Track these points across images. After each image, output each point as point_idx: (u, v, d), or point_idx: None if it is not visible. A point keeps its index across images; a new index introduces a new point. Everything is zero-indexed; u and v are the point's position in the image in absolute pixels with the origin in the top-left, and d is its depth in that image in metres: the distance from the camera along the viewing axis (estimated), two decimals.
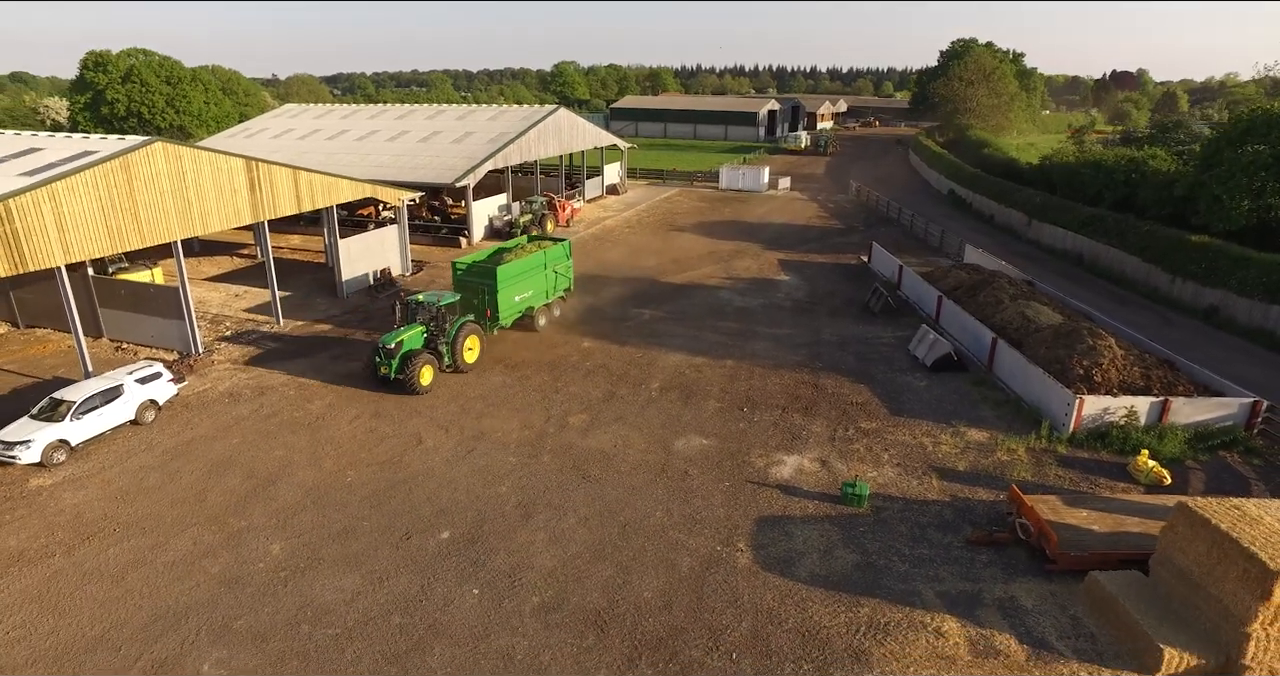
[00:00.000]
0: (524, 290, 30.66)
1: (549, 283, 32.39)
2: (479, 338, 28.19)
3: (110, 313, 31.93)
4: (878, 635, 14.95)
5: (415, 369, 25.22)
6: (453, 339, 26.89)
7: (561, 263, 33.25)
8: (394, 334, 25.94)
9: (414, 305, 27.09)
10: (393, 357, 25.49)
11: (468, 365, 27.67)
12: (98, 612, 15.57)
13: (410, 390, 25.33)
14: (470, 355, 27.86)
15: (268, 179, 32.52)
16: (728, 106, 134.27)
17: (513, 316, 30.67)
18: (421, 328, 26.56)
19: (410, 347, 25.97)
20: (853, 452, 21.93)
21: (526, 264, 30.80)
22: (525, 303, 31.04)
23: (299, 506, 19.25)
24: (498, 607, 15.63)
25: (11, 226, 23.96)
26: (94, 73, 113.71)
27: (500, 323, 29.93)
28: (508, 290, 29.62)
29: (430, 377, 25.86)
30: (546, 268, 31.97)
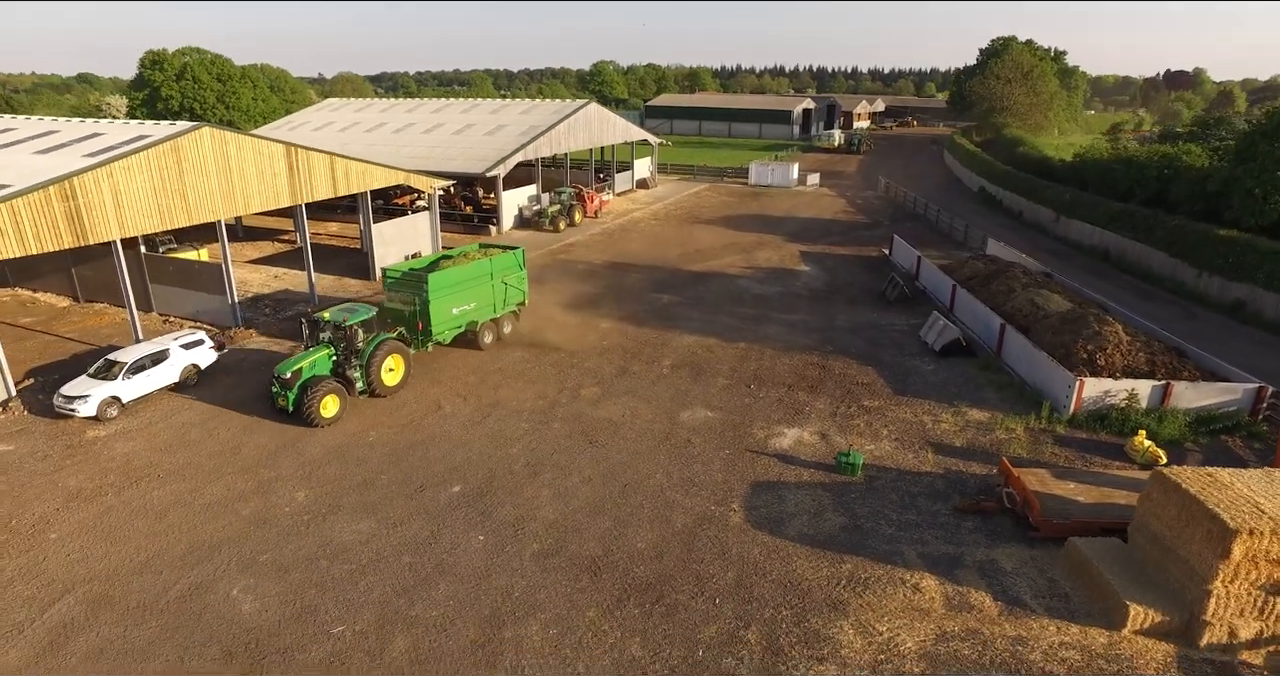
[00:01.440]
0: (464, 302, 27.61)
1: (496, 295, 29.08)
2: (403, 357, 24.94)
3: (159, 288, 33.96)
4: (857, 588, 15.75)
5: (314, 400, 21.85)
6: (367, 360, 23.73)
7: (513, 273, 29.82)
8: (292, 360, 22.87)
9: (320, 323, 23.80)
10: (289, 388, 22.34)
11: (388, 388, 24.42)
12: (143, 543, 17.12)
13: (309, 423, 22.16)
14: (391, 376, 24.60)
15: (305, 164, 34.26)
16: (762, 105, 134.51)
17: (452, 332, 27.74)
18: (328, 350, 23.39)
19: (316, 374, 22.87)
20: (852, 427, 22.67)
21: (466, 273, 27.65)
22: (466, 316, 27.92)
23: (323, 460, 20.68)
24: (500, 552, 16.78)
25: (75, 202, 25.91)
26: (151, 71, 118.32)
27: (435, 338, 26.98)
28: (443, 302, 26.61)
29: (336, 409, 22.62)
30: (493, 278, 28.70)
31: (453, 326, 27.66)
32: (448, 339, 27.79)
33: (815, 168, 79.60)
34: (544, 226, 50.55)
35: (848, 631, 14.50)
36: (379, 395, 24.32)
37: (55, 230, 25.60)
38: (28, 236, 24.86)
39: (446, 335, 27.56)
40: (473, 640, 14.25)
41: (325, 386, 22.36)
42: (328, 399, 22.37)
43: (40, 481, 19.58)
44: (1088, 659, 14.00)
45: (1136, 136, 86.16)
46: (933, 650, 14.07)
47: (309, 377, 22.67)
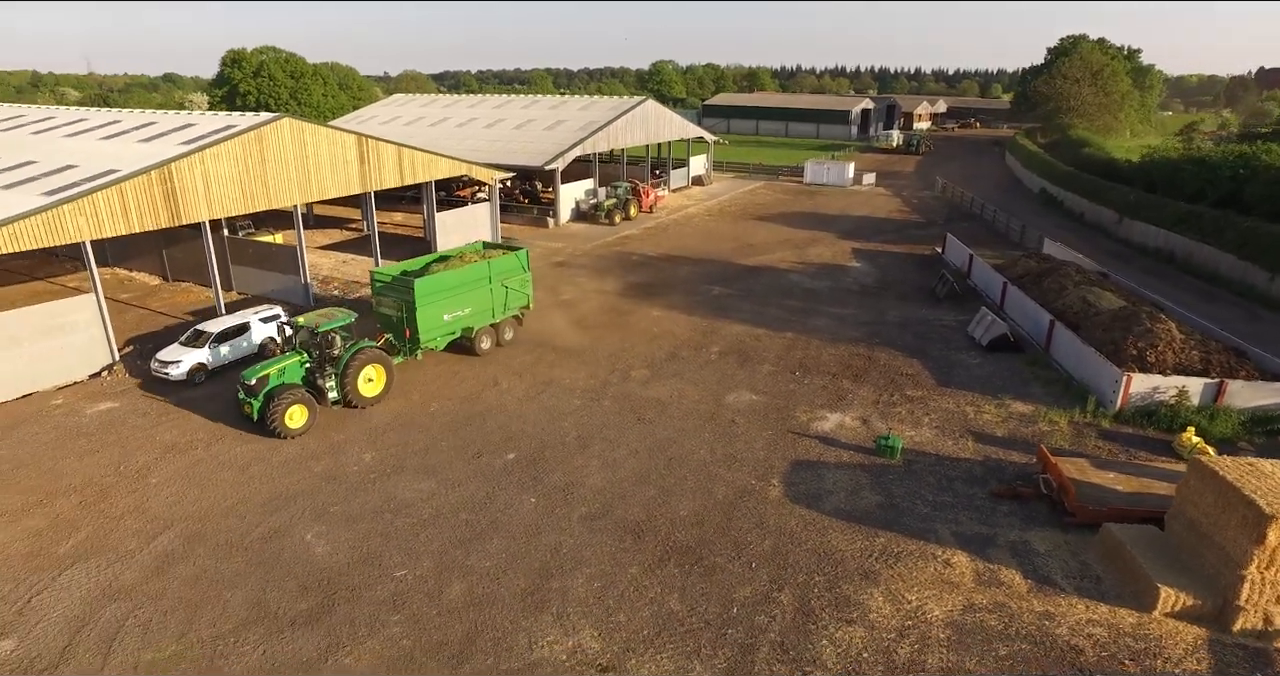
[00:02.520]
0: (457, 308, 26.16)
1: (496, 299, 27.49)
2: (384, 367, 23.42)
3: (239, 268, 36.26)
4: (889, 560, 16.36)
5: (279, 411, 20.72)
6: (343, 369, 22.36)
7: (515, 276, 28.21)
8: (260, 366, 21.75)
9: (295, 328, 22.83)
10: (253, 395, 21.19)
11: (366, 399, 22.94)
12: (228, 491, 18.81)
13: (273, 434, 20.97)
14: (370, 387, 23.09)
15: (375, 153, 36.14)
16: (820, 104, 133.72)
17: (444, 338, 26.43)
18: (300, 356, 22.20)
19: (285, 382, 21.69)
20: (894, 414, 23.14)
21: (459, 277, 26.20)
22: (460, 322, 26.51)
23: (388, 427, 22.17)
24: (550, 513, 17.91)
25: (171, 185, 28.12)
26: (231, 69, 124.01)
27: (424, 346, 25.66)
28: (431, 308, 25.20)
29: (303, 420, 21.30)
30: (492, 282, 27.17)
31: (445, 333, 26.24)
32: (440, 346, 26.58)
33: (871, 167, 79.13)
34: (600, 220, 51.81)
35: (877, 598, 15.16)
36: (355, 406, 22.85)
37: (155, 211, 27.83)
38: (132, 216, 27.12)
39: (439, 342, 26.29)
40: (523, 588, 15.38)
41: (292, 396, 21.02)
42: (294, 409, 21.02)
43: (140, 435, 21.57)
44: (1114, 636, 14.37)
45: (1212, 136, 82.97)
46: (959, 619, 14.63)
47: (276, 385, 21.39)
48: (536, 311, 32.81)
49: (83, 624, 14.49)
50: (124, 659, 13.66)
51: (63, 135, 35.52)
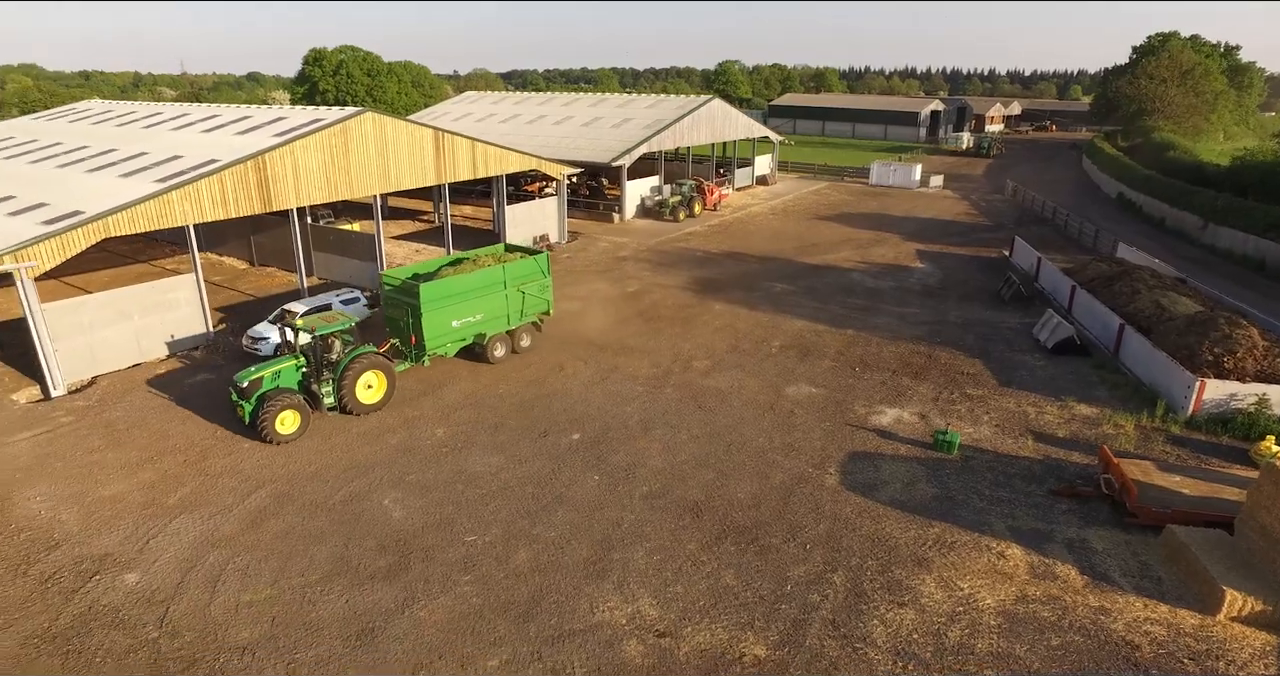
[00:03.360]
0: (467, 314, 25.24)
1: (511, 305, 26.46)
2: (385, 374, 22.65)
3: (320, 255, 38.22)
4: (942, 549, 16.61)
5: (270, 416, 20.13)
6: (340, 375, 21.71)
7: (533, 281, 27.11)
8: (254, 368, 21.21)
9: (295, 331, 22.31)
10: (246, 398, 20.58)
11: (364, 407, 22.24)
12: (312, 457, 20.22)
13: (264, 440, 20.55)
14: (370, 394, 22.36)
15: (450, 147, 37.67)
16: (887, 106, 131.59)
17: (454, 344, 25.57)
18: (296, 360, 21.60)
19: (279, 385, 21.12)
20: (953, 412, 23.20)
21: (468, 282, 25.29)
22: (471, 329, 25.58)
23: (459, 405, 23.34)
24: (613, 491, 18.71)
25: (265, 174, 30.01)
26: (312, 67, 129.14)
27: (431, 352, 24.85)
28: (438, 314, 24.38)
29: (295, 426, 20.78)
30: (506, 287, 26.15)
31: (454, 339, 25.35)
32: (451, 352, 25.72)
33: (939, 170, 77.77)
34: (664, 216, 52.55)
35: (929, 584, 15.46)
36: (352, 413, 22.27)
37: (249, 197, 29.76)
38: (230, 202, 29.08)
39: (449, 348, 25.45)
40: (585, 558, 16.20)
41: (283, 401, 20.46)
42: (285, 414, 20.50)
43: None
44: (1174, 635, 14.34)
45: None
46: (1012, 609, 14.82)
47: (270, 389, 20.87)
48: (600, 302, 33.84)
49: (191, 565, 15.93)
50: (227, 598, 15.00)
51: (169, 129, 38.08)
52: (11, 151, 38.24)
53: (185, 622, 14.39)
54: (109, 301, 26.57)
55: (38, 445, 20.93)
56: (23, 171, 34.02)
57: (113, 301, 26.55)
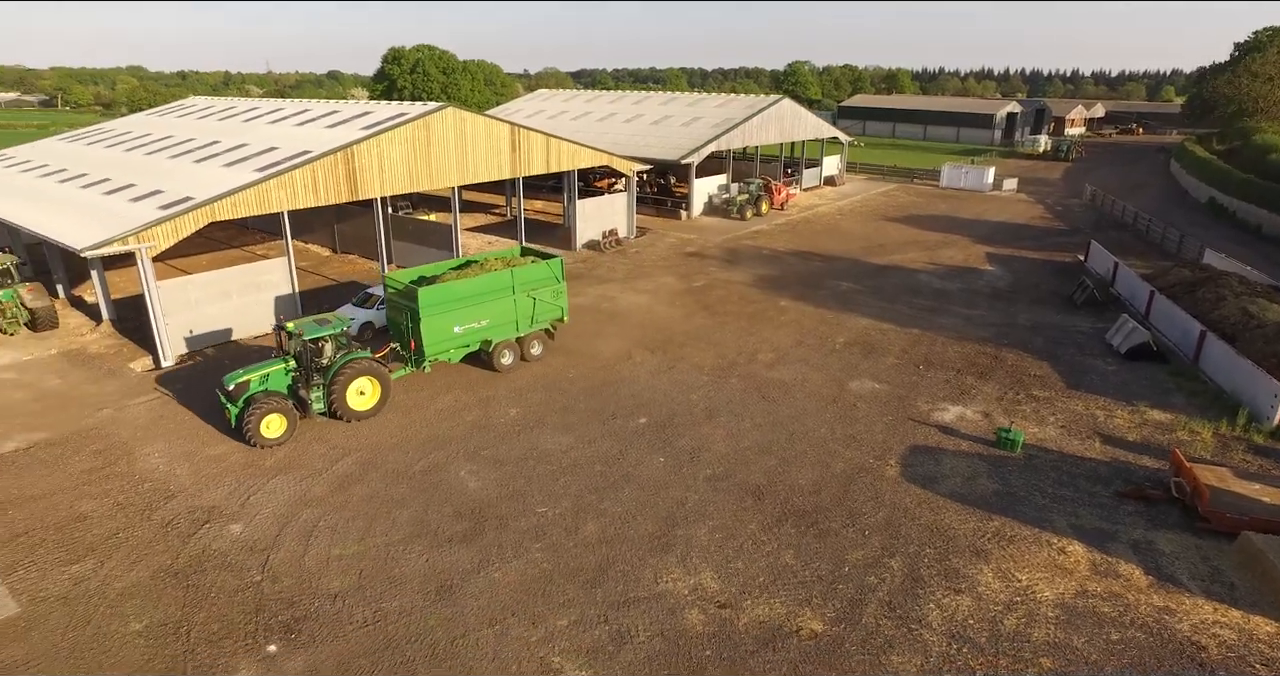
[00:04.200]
0: (470, 320, 24.30)
1: (520, 312, 25.43)
2: (379, 380, 22.04)
3: (399, 243, 40.06)
4: (1001, 542, 16.78)
5: (254, 420, 19.81)
6: (330, 379, 21.25)
7: (546, 286, 25.98)
8: (241, 371, 20.78)
9: (286, 333, 21.43)
10: (233, 401, 20.22)
11: (355, 413, 21.69)
12: (394, 430, 21.58)
13: (249, 443, 20.21)
14: (362, 401, 21.79)
15: (526, 142, 38.97)
16: (961, 107, 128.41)
17: (457, 351, 24.71)
18: (285, 363, 21.12)
19: (267, 388, 20.69)
20: (1018, 412, 23.12)
21: (472, 287, 24.27)
22: (475, 335, 24.68)
23: (531, 388, 24.42)
24: (678, 472, 19.43)
25: (353, 165, 31.76)
26: (391, 65, 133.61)
27: (432, 358, 24.06)
28: (438, 319, 23.47)
29: (281, 430, 20.38)
30: (515, 293, 25.12)
31: (457, 345, 24.53)
32: (454, 358, 24.99)
33: (1013, 173, 75.86)
34: (731, 214, 52.97)
35: (987, 574, 15.69)
36: (343, 419, 21.77)
37: (338, 187, 31.55)
38: (320, 191, 30.90)
39: (452, 355, 24.72)
40: (650, 532, 16.97)
41: (269, 404, 20.11)
42: (271, 418, 20.14)
43: None
44: (1245, 640, 14.17)
45: None
46: (1071, 602, 14.94)
47: (257, 392, 20.54)
48: (667, 296, 34.59)
49: (287, 521, 17.32)
50: (319, 551, 16.30)
51: (265, 122, 40.46)
52: (129, 144, 41.24)
53: (283, 569, 15.73)
54: (213, 281, 28.65)
55: (152, 409, 22.86)
56: (139, 162, 36.72)
57: (216, 281, 28.62)
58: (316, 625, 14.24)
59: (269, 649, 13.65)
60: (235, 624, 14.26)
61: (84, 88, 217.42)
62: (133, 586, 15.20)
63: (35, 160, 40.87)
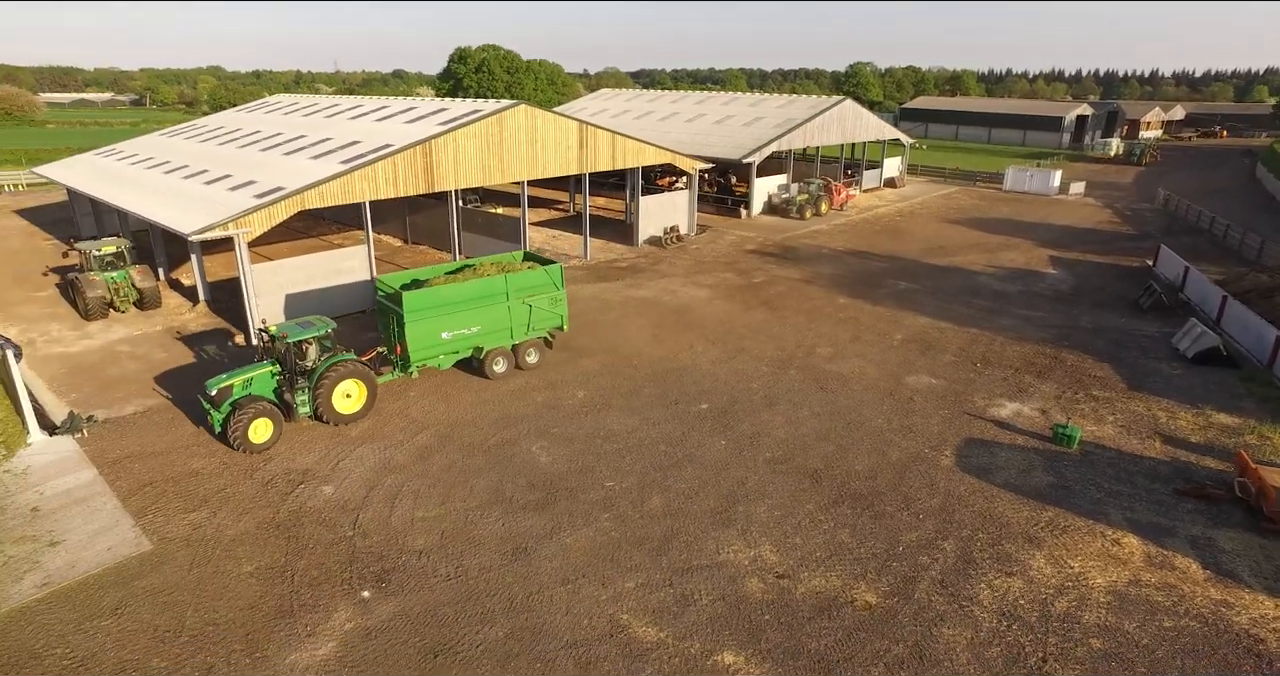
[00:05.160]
0: (460, 325, 23.68)
1: (515, 318, 24.73)
2: (365, 383, 21.73)
3: (468, 235, 41.70)
4: (1055, 531, 17.17)
5: (242, 425, 19.53)
6: (315, 383, 20.99)
7: (543, 293, 25.25)
8: (224, 376, 20.42)
9: (269, 336, 21.12)
10: (216, 406, 19.88)
11: (341, 417, 21.39)
12: (468, 408, 22.96)
13: (235, 449, 19.89)
14: (348, 404, 21.50)
15: (592, 139, 40.20)
16: (1027, 110, 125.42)
17: (447, 356, 24.16)
18: (271, 367, 20.89)
19: (252, 393, 20.42)
20: (1076, 410, 23.27)
21: (461, 292, 23.56)
22: (465, 342, 24.08)
23: (599, 372, 25.57)
24: (738, 454, 20.29)
25: (430, 159, 33.42)
26: (457, 64, 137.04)
27: (419, 364, 23.47)
28: (424, 324, 22.92)
29: (268, 435, 20.07)
30: (509, 299, 24.42)
31: (445, 351, 23.94)
32: (444, 365, 24.35)
33: (1082, 177, 74.27)
34: (790, 214, 53.41)
35: (1039, 559, 16.14)
36: (328, 423, 21.52)
37: (416, 179, 33.25)
38: (399, 182, 32.64)
39: (441, 361, 24.13)
40: (712, 508, 17.88)
41: (254, 409, 19.82)
42: (258, 423, 19.86)
43: None
44: None
45: None
46: (1123, 590, 15.29)
47: (242, 397, 20.30)
48: (727, 291, 35.40)
49: (373, 485, 18.78)
50: (403, 513, 17.68)
51: (347, 118, 42.63)
52: (222, 139, 43.94)
53: (372, 527, 17.13)
54: (300, 266, 30.60)
55: None
56: (233, 155, 39.18)
57: (303, 266, 30.57)
58: (404, 576, 15.56)
59: (363, 594, 15.01)
60: (332, 571, 15.69)
61: (170, 87, 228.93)
62: (242, 534, 16.80)
63: (141, 154, 43.88)
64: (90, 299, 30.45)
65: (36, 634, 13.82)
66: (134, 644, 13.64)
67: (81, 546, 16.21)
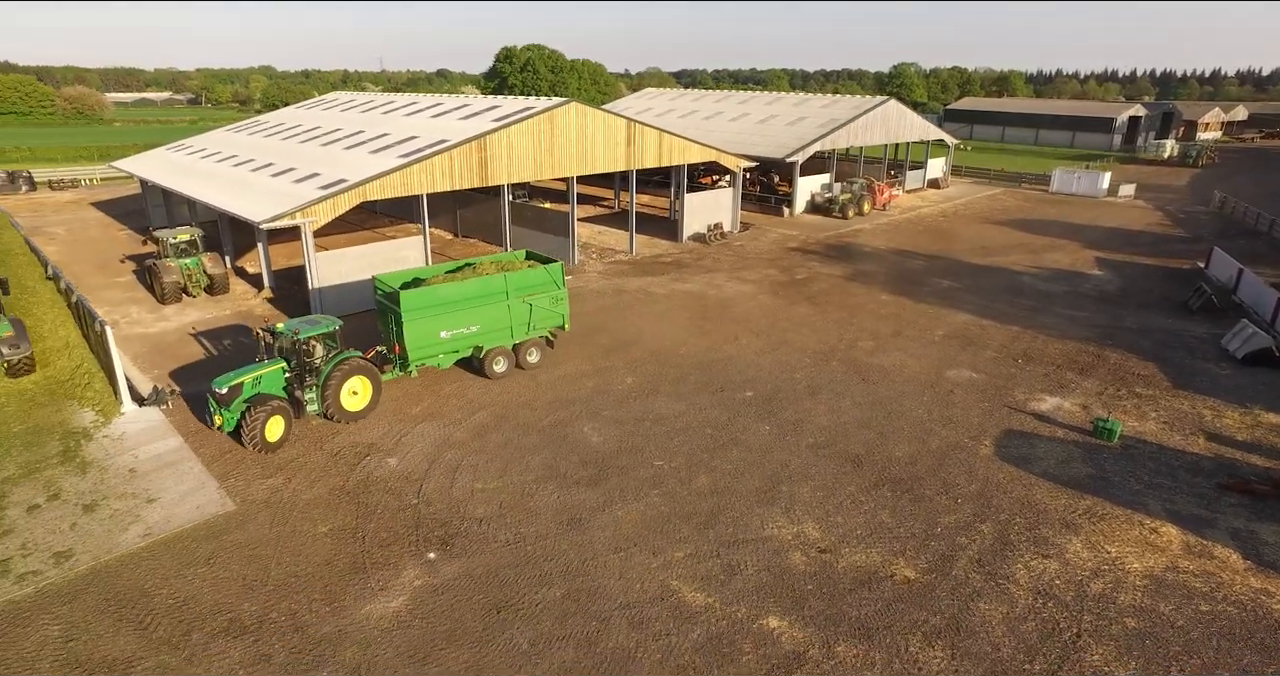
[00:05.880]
0: (459, 325, 23.61)
1: (515, 318, 24.67)
2: (370, 380, 21.78)
3: (516, 229, 42.96)
4: (1092, 519, 17.58)
5: (259, 423, 19.33)
6: (324, 381, 20.95)
7: (544, 292, 25.24)
8: (232, 374, 20.18)
9: (274, 335, 21.19)
10: (225, 406, 19.74)
11: (348, 414, 21.40)
12: (521, 391, 24.08)
13: (253, 448, 19.63)
14: (354, 401, 21.54)
15: (640, 136, 41.15)
16: (1076, 111, 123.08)
17: (446, 356, 24.08)
18: (281, 365, 20.84)
19: (263, 392, 20.32)
20: (1118, 406, 23.49)
21: (460, 291, 23.49)
22: (465, 341, 23.99)
23: (646, 360, 26.49)
24: (782, 439, 21.02)
25: (484, 154, 34.69)
26: (503, 64, 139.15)
27: (418, 363, 23.39)
28: (422, 324, 22.84)
29: (280, 433, 19.94)
30: (509, 298, 24.36)
31: (445, 351, 23.86)
32: (444, 364, 24.32)
33: (1132, 179, 73.04)
34: (833, 213, 53.74)
35: (1076, 544, 16.59)
36: (336, 420, 21.50)
37: (471, 173, 34.54)
38: (455, 176, 33.97)
39: (440, 360, 24.06)
40: (757, 487, 18.66)
41: (271, 407, 19.65)
42: (273, 420, 19.73)
43: None
44: None
45: None
46: (1160, 575, 15.68)
47: (253, 395, 20.18)
48: (770, 286, 36.05)
49: (434, 459, 19.93)
50: (464, 484, 18.78)
51: (402, 115, 44.23)
52: (284, 134, 45.91)
53: (435, 497, 18.26)
54: (359, 255, 32.09)
55: None
56: (295, 149, 41.01)
57: (364, 255, 32.05)
58: (466, 541, 16.63)
59: (429, 555, 16.11)
60: (400, 534, 16.84)
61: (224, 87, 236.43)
62: (315, 499, 18.06)
63: (209, 148, 46.09)
64: (166, 284, 32.31)
65: (144, 576, 15.22)
66: (226, 589, 14.93)
67: (174, 504, 17.63)
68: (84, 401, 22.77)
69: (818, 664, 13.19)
